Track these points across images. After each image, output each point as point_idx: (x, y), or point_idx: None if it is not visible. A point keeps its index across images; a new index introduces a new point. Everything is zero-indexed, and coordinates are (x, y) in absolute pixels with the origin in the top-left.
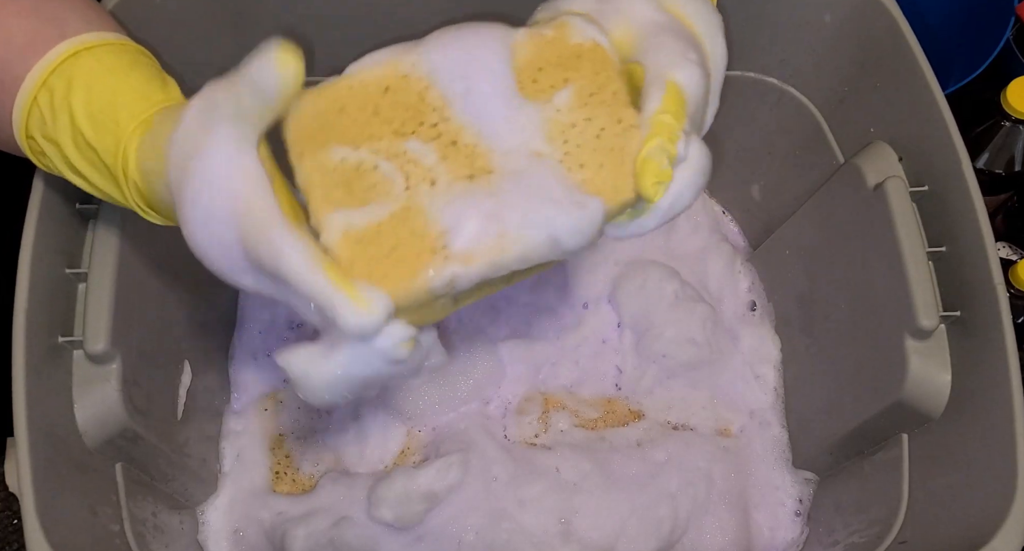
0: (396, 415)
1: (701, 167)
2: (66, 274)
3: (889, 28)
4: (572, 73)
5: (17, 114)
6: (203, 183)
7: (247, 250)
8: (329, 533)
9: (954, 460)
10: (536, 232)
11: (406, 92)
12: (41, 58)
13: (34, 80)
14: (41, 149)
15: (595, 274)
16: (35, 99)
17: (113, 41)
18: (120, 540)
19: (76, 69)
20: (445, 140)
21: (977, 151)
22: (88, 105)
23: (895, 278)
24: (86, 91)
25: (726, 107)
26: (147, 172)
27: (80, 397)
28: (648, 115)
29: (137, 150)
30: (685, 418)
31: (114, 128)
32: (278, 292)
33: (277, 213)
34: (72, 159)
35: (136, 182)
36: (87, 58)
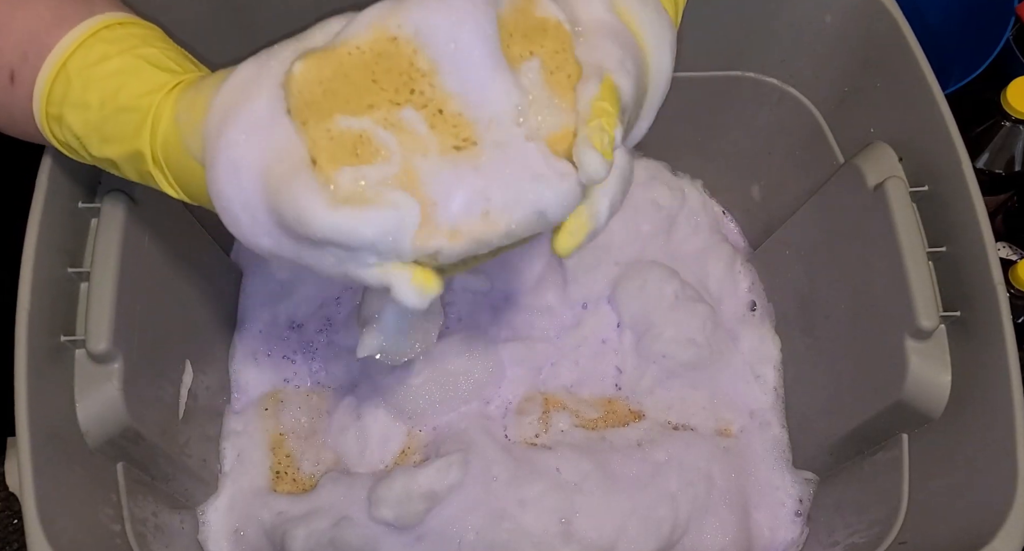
0: (397, 415)
1: (625, 175)
2: (68, 273)
3: (889, 28)
4: (536, 47)
5: (42, 81)
6: (242, 131)
7: (273, 207)
8: (329, 533)
9: (954, 460)
10: (522, 209)
11: (397, 57)
12: (72, 29)
13: (67, 45)
14: (60, 115)
15: (595, 274)
16: (64, 64)
17: (140, 21)
18: (121, 540)
19: (113, 35)
20: (432, 108)
21: (977, 151)
22: (124, 66)
23: (895, 278)
24: (119, 57)
25: (726, 107)
26: (182, 123)
27: (82, 396)
28: (587, 100)
29: (176, 102)
30: (685, 418)
31: (151, 87)
32: (298, 252)
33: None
34: (95, 123)
35: (165, 136)
36: (120, 31)
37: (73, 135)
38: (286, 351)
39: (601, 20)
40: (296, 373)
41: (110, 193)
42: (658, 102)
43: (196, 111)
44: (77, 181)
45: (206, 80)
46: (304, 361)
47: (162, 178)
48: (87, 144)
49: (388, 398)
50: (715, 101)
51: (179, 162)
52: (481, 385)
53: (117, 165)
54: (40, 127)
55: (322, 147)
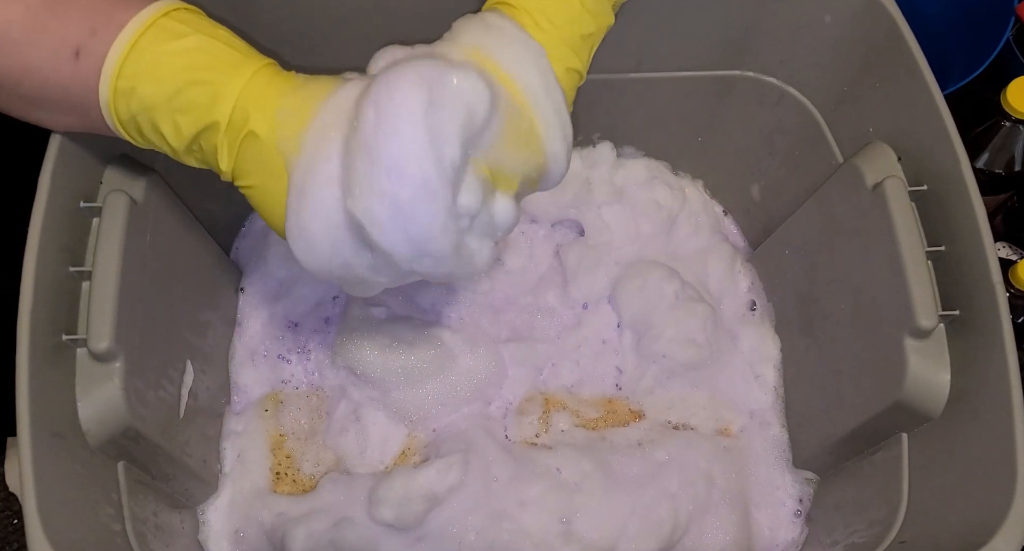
0: (397, 416)
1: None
2: (70, 273)
3: (889, 28)
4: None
5: (114, 56)
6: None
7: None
8: (329, 533)
9: (954, 460)
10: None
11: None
12: (143, 10)
13: (140, 23)
14: (131, 88)
15: (595, 274)
16: (138, 40)
17: (203, 13)
18: (121, 539)
19: (182, 17)
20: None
21: (977, 151)
22: (199, 44)
23: (894, 278)
24: (196, 34)
25: (726, 107)
26: (282, 124)
27: (83, 395)
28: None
29: (278, 95)
30: (685, 418)
31: (232, 60)
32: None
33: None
34: (169, 94)
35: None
36: (187, 14)
37: (142, 107)
38: (282, 351)
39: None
40: (294, 374)
41: (111, 193)
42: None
43: (297, 119)
44: (79, 181)
45: (310, 87)
46: (300, 361)
47: (225, 151)
48: (155, 116)
49: (389, 399)
50: (715, 101)
51: (258, 151)
52: (483, 385)
53: (182, 135)
54: (104, 103)
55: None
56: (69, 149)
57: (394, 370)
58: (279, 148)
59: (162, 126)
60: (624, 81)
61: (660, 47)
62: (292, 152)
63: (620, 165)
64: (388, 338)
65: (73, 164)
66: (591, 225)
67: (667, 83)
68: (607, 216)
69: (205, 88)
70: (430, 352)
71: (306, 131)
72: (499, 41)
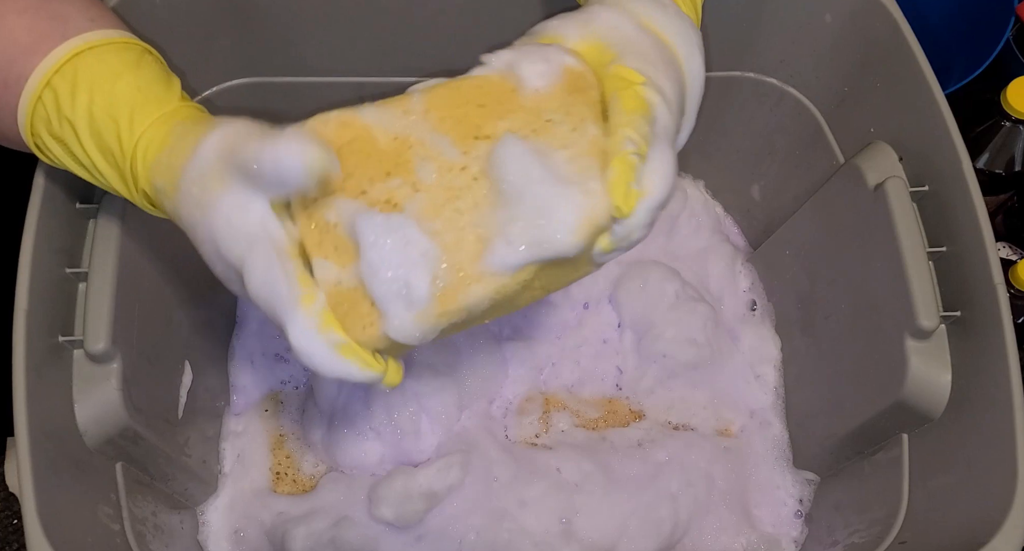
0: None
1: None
2: (66, 273)
3: (889, 28)
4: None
5: (22, 112)
6: (212, 236)
7: (254, 299)
8: (330, 533)
9: (954, 460)
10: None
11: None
12: (44, 57)
13: (38, 80)
14: (46, 145)
15: (595, 274)
16: (39, 99)
17: (116, 39)
18: (120, 539)
19: (80, 69)
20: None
21: (977, 151)
22: (92, 107)
23: (895, 278)
24: (89, 93)
25: (726, 107)
26: (158, 189)
27: (80, 397)
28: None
29: (150, 165)
30: (686, 418)
31: (121, 131)
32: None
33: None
34: (79, 156)
35: (145, 190)
36: (90, 58)
37: (61, 164)
38: (280, 349)
39: (632, 38)
40: (293, 375)
41: (108, 194)
42: (696, 104)
43: (169, 182)
44: (75, 182)
45: (178, 144)
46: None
47: (151, 211)
48: (78, 173)
49: (391, 399)
50: (715, 101)
51: (166, 210)
52: (487, 382)
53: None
54: (38, 153)
55: (308, 234)
56: None
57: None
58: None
59: (83, 176)
60: None
61: None
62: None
63: None
64: None
65: None
66: None
67: None
68: None
69: (102, 159)
70: (429, 348)
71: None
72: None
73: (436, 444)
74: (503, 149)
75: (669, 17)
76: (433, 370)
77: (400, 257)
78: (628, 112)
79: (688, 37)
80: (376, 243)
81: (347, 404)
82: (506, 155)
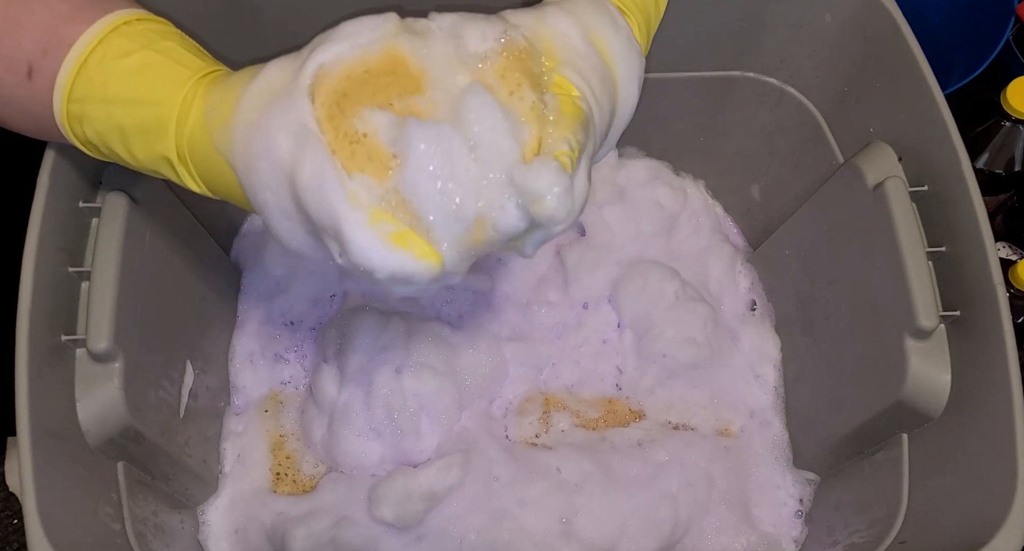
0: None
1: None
2: (69, 273)
3: (889, 28)
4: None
5: (63, 77)
6: (273, 135)
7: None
8: (330, 533)
9: (954, 460)
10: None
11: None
12: (92, 25)
13: (88, 40)
14: (82, 113)
15: (596, 274)
16: (86, 60)
17: (158, 19)
18: (121, 539)
19: (131, 31)
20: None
21: (977, 151)
22: (145, 61)
23: (895, 278)
24: (143, 50)
25: (726, 107)
26: (210, 121)
27: (82, 396)
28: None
29: (203, 99)
30: (686, 418)
31: (177, 78)
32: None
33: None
34: (118, 119)
35: (192, 133)
36: (138, 26)
37: (95, 132)
38: (279, 349)
39: (575, 48)
40: (293, 375)
41: (111, 193)
42: (619, 132)
43: (224, 109)
44: (78, 180)
45: (233, 78)
46: (298, 359)
47: (186, 174)
48: (109, 141)
49: (391, 399)
50: (715, 101)
51: (206, 159)
52: (487, 382)
53: (139, 161)
54: (60, 124)
55: (342, 146)
56: (68, 149)
57: (399, 368)
58: (216, 148)
59: (118, 151)
60: None
61: (661, 48)
62: (226, 146)
63: (622, 165)
64: (386, 335)
65: (72, 164)
66: (592, 225)
67: (668, 84)
68: (608, 216)
69: (152, 111)
70: (430, 348)
71: (233, 120)
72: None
73: (436, 444)
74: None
75: (620, 40)
76: (433, 370)
77: (450, 170)
78: (567, 115)
79: (631, 64)
80: (427, 153)
81: (347, 404)
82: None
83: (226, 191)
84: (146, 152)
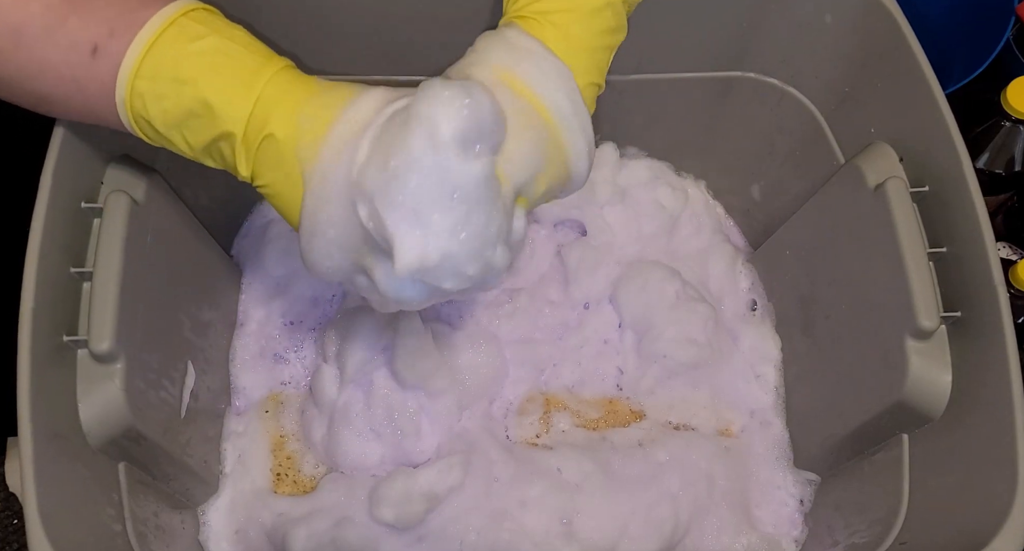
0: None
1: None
2: (71, 273)
3: (889, 28)
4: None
5: (132, 55)
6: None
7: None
8: (330, 533)
9: (955, 461)
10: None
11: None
12: (162, 9)
13: (159, 23)
14: (149, 90)
15: (596, 274)
16: (157, 40)
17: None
18: (122, 540)
19: (201, 17)
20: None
21: (977, 151)
22: (218, 45)
23: (895, 278)
24: (215, 35)
25: (727, 107)
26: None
27: (84, 396)
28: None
29: (299, 102)
30: (686, 418)
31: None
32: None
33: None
34: (189, 96)
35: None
36: (207, 15)
37: (160, 110)
38: (279, 349)
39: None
40: (293, 376)
41: (113, 193)
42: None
43: (320, 124)
44: (80, 181)
45: (333, 93)
46: (298, 359)
47: (243, 156)
48: (171, 121)
49: (391, 400)
50: (715, 101)
51: (279, 157)
52: (487, 382)
53: (193, 143)
54: (121, 101)
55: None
56: (70, 149)
57: (399, 368)
58: (298, 154)
59: (176, 132)
60: (625, 82)
61: (661, 48)
62: (310, 158)
63: (623, 165)
64: (387, 335)
65: (74, 164)
66: (593, 225)
67: (668, 84)
68: (609, 216)
69: (226, 93)
70: (431, 349)
71: (326, 138)
72: (527, 62)
73: (436, 444)
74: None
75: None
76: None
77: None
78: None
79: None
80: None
81: (347, 404)
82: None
83: (275, 187)
84: (210, 130)
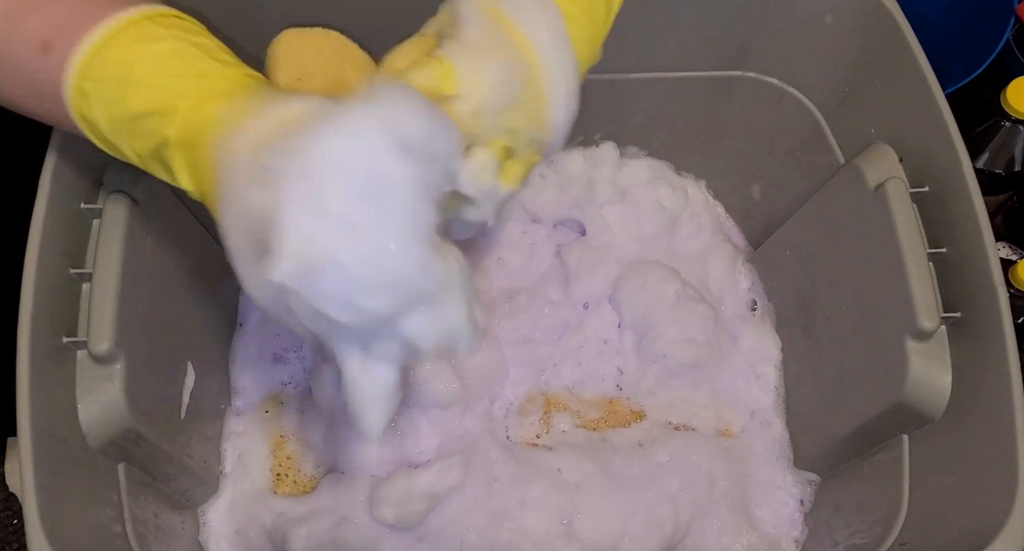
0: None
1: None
2: (70, 274)
3: (889, 28)
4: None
5: (80, 53)
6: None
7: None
8: (330, 533)
9: (955, 461)
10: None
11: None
12: (120, 11)
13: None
14: (94, 91)
15: (596, 274)
16: (108, 40)
17: (189, 18)
18: (122, 541)
19: (165, 22)
20: None
21: (977, 151)
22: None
23: (896, 279)
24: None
25: (727, 107)
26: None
27: (83, 397)
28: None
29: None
30: (686, 418)
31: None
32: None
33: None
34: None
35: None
36: (174, 20)
37: (105, 113)
38: (278, 349)
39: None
40: (293, 376)
41: (112, 194)
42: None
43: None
44: (79, 182)
45: (264, 92)
46: (298, 359)
47: (183, 168)
48: (117, 122)
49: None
50: (716, 101)
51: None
52: (487, 383)
53: (139, 149)
54: (67, 101)
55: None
56: (70, 150)
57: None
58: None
59: (121, 137)
60: (625, 81)
61: (661, 48)
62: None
63: (623, 165)
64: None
65: (74, 165)
66: (593, 225)
67: (668, 83)
68: (609, 216)
69: (166, 95)
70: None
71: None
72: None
73: (436, 445)
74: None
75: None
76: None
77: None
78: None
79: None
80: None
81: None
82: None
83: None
84: (151, 138)
